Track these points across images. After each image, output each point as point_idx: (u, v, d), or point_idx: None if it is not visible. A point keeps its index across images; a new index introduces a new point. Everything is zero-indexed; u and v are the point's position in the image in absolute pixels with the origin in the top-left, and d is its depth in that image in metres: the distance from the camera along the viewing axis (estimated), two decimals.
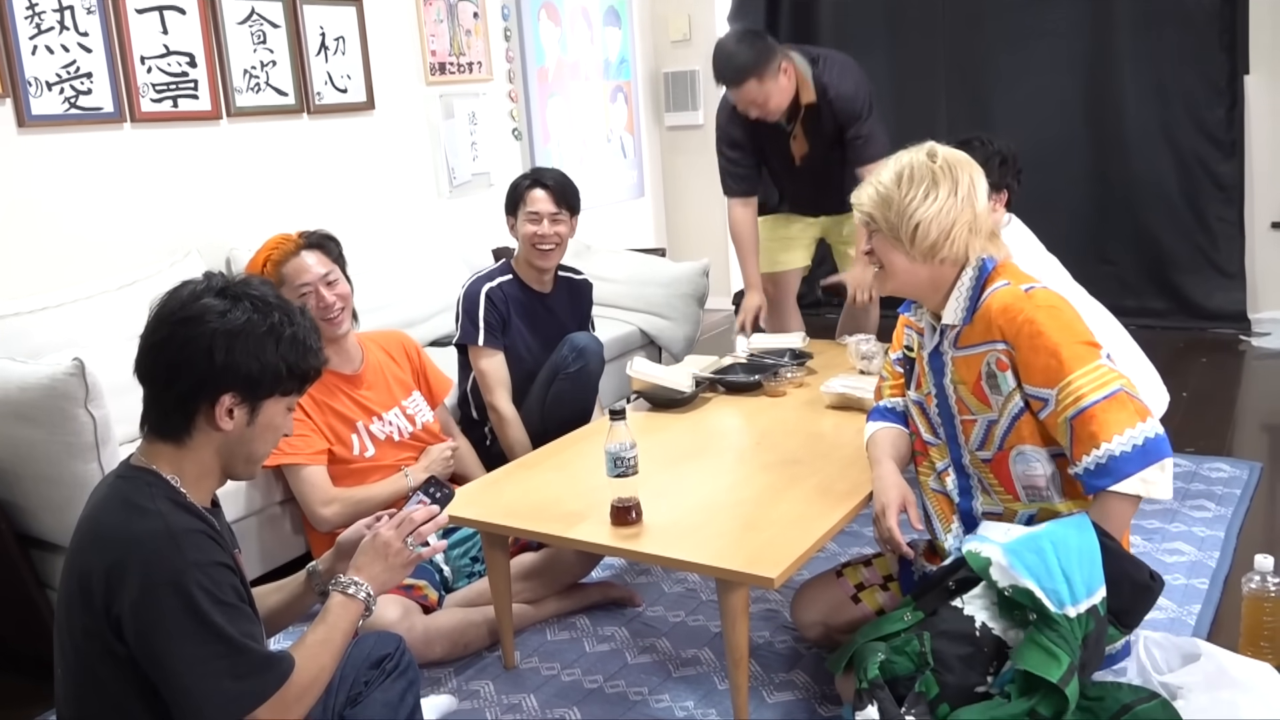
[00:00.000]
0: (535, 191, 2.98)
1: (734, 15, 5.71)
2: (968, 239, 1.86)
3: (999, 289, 1.86)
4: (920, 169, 1.87)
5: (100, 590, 1.35)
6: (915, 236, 1.85)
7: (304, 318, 1.52)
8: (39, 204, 3.08)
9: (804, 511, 2.03)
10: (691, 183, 6.03)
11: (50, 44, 3.03)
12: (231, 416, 1.44)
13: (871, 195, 1.90)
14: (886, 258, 1.91)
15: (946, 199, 1.84)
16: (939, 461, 2.04)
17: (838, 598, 2.18)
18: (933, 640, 1.72)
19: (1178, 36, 4.72)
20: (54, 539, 2.36)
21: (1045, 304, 1.82)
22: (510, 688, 2.28)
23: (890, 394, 2.18)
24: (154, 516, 1.37)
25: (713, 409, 2.77)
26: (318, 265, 2.53)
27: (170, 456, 1.45)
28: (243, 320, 1.43)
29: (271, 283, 1.57)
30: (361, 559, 1.61)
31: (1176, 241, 4.93)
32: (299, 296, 2.45)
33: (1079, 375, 1.76)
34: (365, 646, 1.80)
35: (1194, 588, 2.48)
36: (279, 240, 2.56)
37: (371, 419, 2.64)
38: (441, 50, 4.45)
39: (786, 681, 2.23)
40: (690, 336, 4.10)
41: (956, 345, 1.92)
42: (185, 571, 1.34)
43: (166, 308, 1.46)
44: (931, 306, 1.96)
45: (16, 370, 2.30)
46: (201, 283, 1.47)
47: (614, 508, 2.03)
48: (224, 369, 1.41)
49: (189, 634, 1.34)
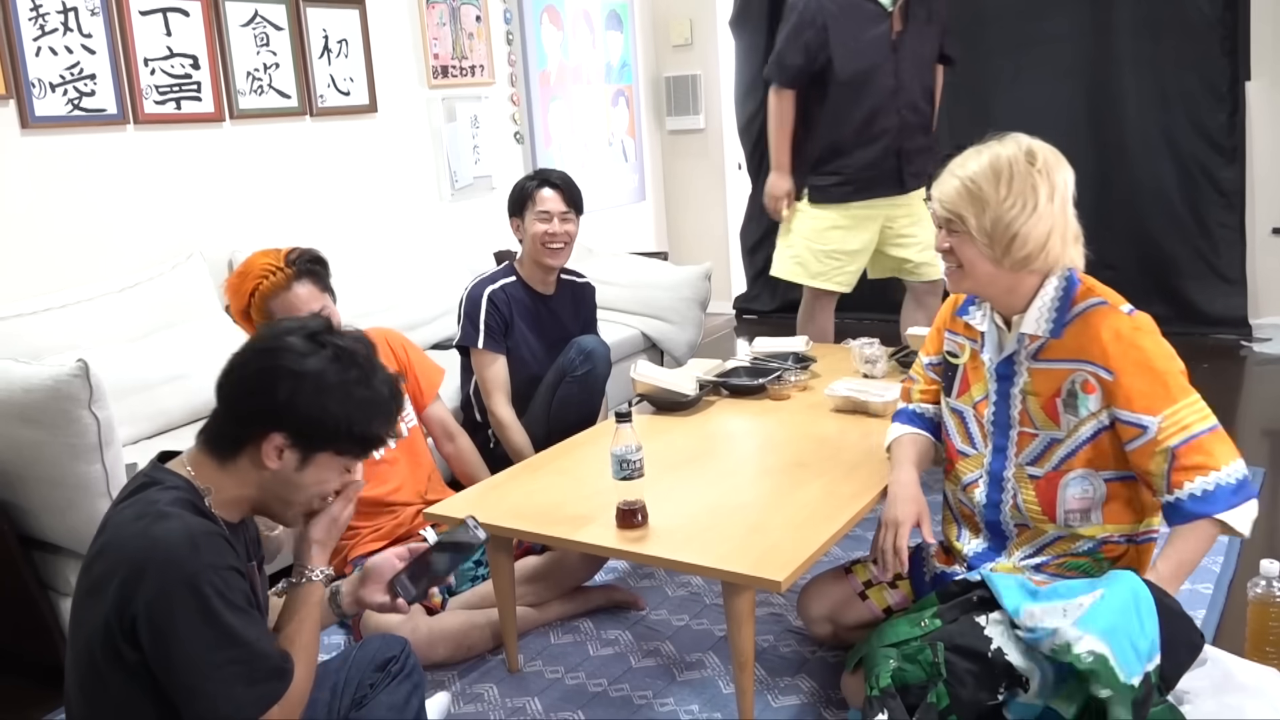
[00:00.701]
0: (544, 191, 2.97)
1: (735, 20, 5.72)
2: (1060, 249, 1.76)
3: (1097, 307, 1.79)
4: (1020, 171, 1.74)
5: (115, 593, 1.34)
6: (1011, 247, 1.74)
7: (386, 385, 1.49)
8: (42, 205, 3.08)
9: (809, 515, 2.03)
10: (693, 187, 6.04)
11: (54, 45, 3.03)
12: (280, 457, 1.44)
13: (960, 193, 1.76)
14: (968, 259, 1.80)
15: (1045, 206, 1.73)
16: (967, 474, 1.99)
17: (845, 594, 2.17)
18: (946, 652, 1.70)
19: (1179, 42, 4.72)
20: (56, 541, 2.35)
21: (1148, 329, 1.77)
22: (514, 691, 2.28)
23: (920, 398, 2.14)
24: (174, 519, 1.37)
25: (716, 412, 2.77)
26: (310, 301, 2.36)
27: (211, 471, 1.47)
28: (317, 367, 1.42)
29: (367, 340, 1.50)
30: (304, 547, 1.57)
31: (1178, 247, 4.93)
32: None
33: (1184, 405, 1.73)
34: (370, 649, 1.79)
35: (1199, 593, 2.48)
36: (267, 267, 2.35)
37: None
38: (444, 53, 4.45)
39: (792, 685, 2.22)
40: (693, 340, 4.10)
41: (1036, 357, 1.84)
42: (200, 573, 1.33)
43: (260, 335, 1.50)
44: (1005, 311, 1.88)
45: (20, 371, 2.29)
46: (300, 323, 1.49)
47: (619, 510, 2.03)
48: (284, 408, 1.41)
49: (204, 638, 1.34)
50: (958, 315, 2.02)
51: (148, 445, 2.74)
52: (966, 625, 1.74)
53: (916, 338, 3.11)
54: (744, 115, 5.84)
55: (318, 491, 1.51)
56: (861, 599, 2.16)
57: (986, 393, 1.93)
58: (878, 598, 2.15)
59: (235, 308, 2.41)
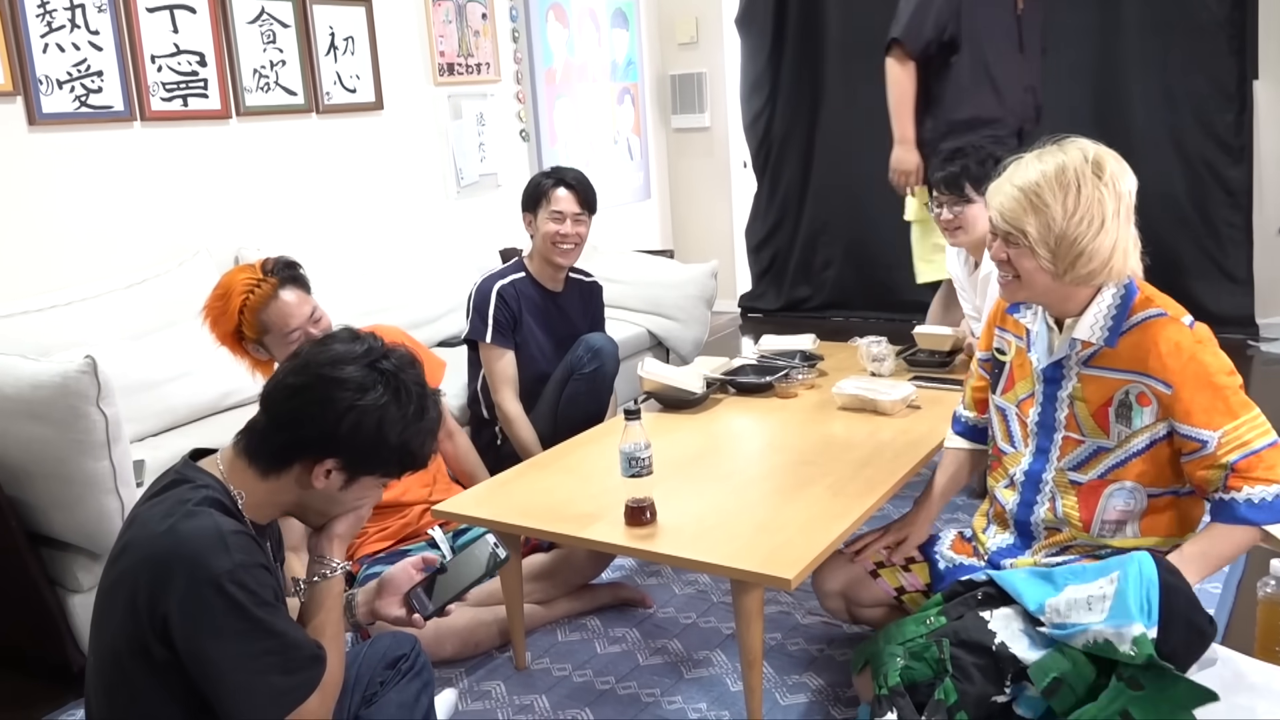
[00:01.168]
0: (559, 191, 2.97)
1: (741, 19, 5.71)
2: (1123, 263, 1.71)
3: (1156, 318, 1.73)
4: (1087, 184, 1.66)
5: (145, 592, 1.34)
6: (1075, 263, 1.68)
7: (435, 408, 1.52)
8: (49, 202, 3.08)
9: (818, 513, 2.02)
10: (698, 185, 6.04)
11: (61, 42, 3.03)
12: (327, 478, 1.46)
13: (1022, 204, 1.69)
14: (1026, 271, 1.73)
15: (1111, 222, 1.66)
16: (1003, 472, 1.97)
17: (858, 572, 2.14)
18: (951, 648, 1.70)
19: (1186, 41, 4.71)
20: (64, 537, 2.35)
21: (1209, 342, 1.74)
22: (522, 688, 2.27)
23: (973, 396, 2.10)
24: (204, 516, 1.38)
25: (723, 410, 2.76)
26: (301, 305, 2.31)
27: (247, 477, 1.47)
28: (380, 402, 1.44)
29: (418, 364, 1.52)
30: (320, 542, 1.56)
31: (1184, 246, 4.91)
32: (288, 343, 2.28)
33: (1245, 421, 1.70)
34: (380, 647, 1.79)
35: (1208, 592, 2.47)
36: (248, 282, 2.28)
37: None
38: (450, 51, 4.45)
39: (800, 684, 2.22)
40: (699, 338, 4.10)
41: (1089, 363, 1.80)
42: (232, 571, 1.34)
43: (315, 356, 1.47)
44: (1059, 314, 1.82)
45: (28, 368, 2.29)
46: (358, 346, 1.48)
47: (628, 508, 2.03)
48: (344, 439, 1.43)
49: (238, 631, 1.34)
50: (1008, 313, 1.97)
51: (155, 442, 2.74)
52: (971, 620, 1.73)
53: (925, 336, 3.11)
54: (749, 113, 5.83)
55: (356, 507, 1.55)
56: (873, 577, 2.13)
57: (1032, 391, 1.90)
58: (890, 578, 2.11)
59: (222, 330, 2.31)
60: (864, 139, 5.54)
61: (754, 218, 6.02)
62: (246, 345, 2.33)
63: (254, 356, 2.35)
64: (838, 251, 5.77)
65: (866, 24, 5.42)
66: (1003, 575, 1.79)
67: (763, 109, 5.78)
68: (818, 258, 5.85)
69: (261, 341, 2.31)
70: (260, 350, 2.34)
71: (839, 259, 5.78)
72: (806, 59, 5.62)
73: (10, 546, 2.33)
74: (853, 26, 5.46)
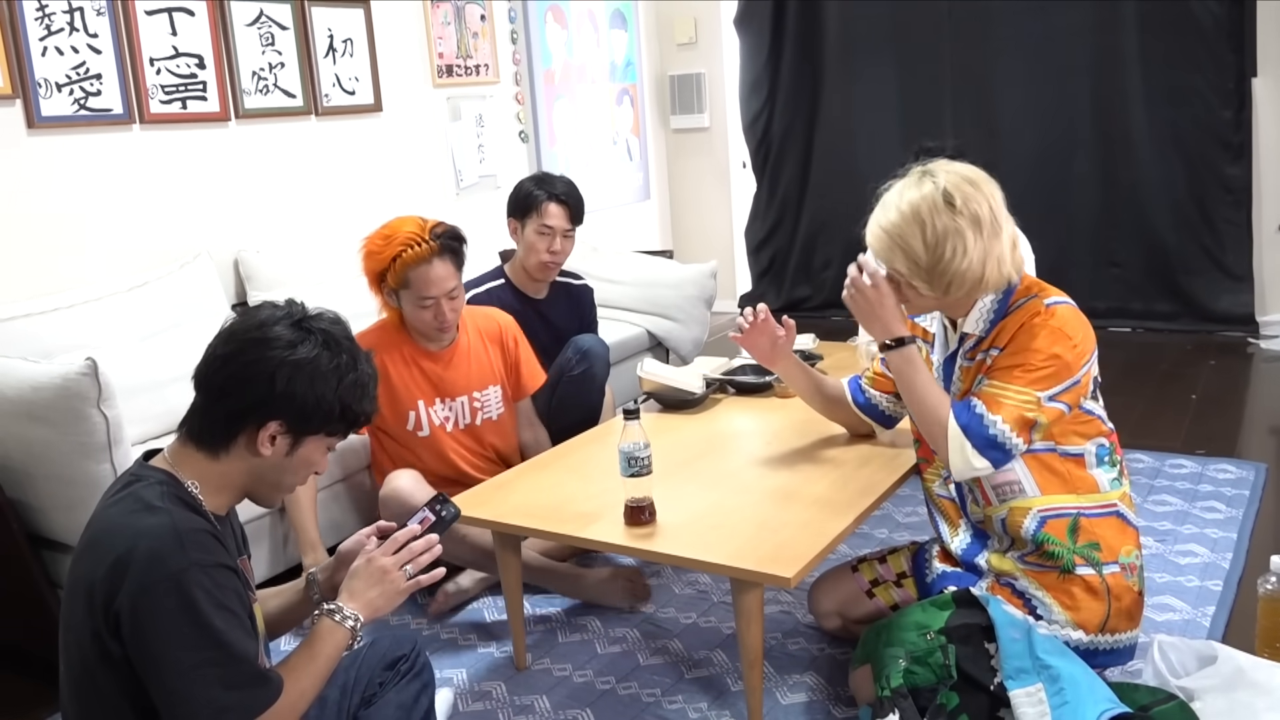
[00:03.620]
0: (552, 206, 2.97)
1: (740, 19, 5.71)
2: (998, 272, 1.83)
3: (1028, 302, 1.87)
4: (941, 217, 1.78)
5: (102, 588, 1.33)
6: (950, 287, 1.83)
7: (368, 364, 1.53)
8: (49, 205, 3.08)
9: (817, 512, 2.02)
10: (697, 186, 6.04)
11: (60, 45, 3.03)
12: (273, 444, 1.46)
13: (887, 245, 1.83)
14: (910, 298, 1.89)
15: (975, 244, 1.79)
16: (944, 469, 2.01)
17: (853, 590, 2.21)
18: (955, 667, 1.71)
19: (1186, 39, 4.71)
20: (65, 539, 2.35)
21: (1057, 323, 1.82)
22: (522, 689, 2.27)
23: (869, 385, 2.26)
24: (161, 513, 1.37)
25: (723, 410, 2.76)
26: (446, 279, 2.47)
27: (198, 464, 1.46)
28: (311, 355, 1.44)
29: (344, 321, 1.54)
30: (355, 583, 1.55)
31: (1184, 244, 4.92)
32: (419, 304, 2.42)
33: (1014, 390, 1.80)
34: (380, 648, 1.79)
35: (1208, 589, 2.47)
36: (412, 236, 2.44)
37: (435, 401, 2.64)
38: (449, 52, 4.45)
39: (800, 683, 2.22)
40: (698, 339, 4.10)
41: (967, 355, 1.94)
42: (187, 570, 1.32)
43: (242, 324, 1.48)
44: (953, 316, 1.97)
45: (29, 370, 2.30)
46: (281, 309, 1.49)
47: (628, 507, 2.03)
48: (281, 397, 1.43)
49: (184, 636, 1.32)
50: (910, 318, 2.08)
51: (156, 444, 2.72)
52: (975, 650, 1.73)
53: None
54: (748, 113, 5.84)
55: (306, 472, 1.53)
56: (869, 596, 2.18)
57: None
58: (884, 595, 2.17)
59: (370, 269, 2.51)
60: (863, 138, 5.55)
61: (753, 218, 6.02)
62: (384, 288, 2.52)
63: (385, 298, 2.53)
64: (837, 251, 5.76)
65: (865, 24, 5.43)
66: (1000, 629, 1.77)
67: (762, 109, 5.78)
68: (817, 258, 5.85)
69: (398, 292, 2.49)
70: (393, 297, 2.51)
71: (838, 259, 5.77)
72: (805, 59, 5.63)
73: (11, 548, 2.34)
74: (852, 26, 5.47)
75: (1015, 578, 1.89)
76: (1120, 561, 1.87)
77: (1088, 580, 1.85)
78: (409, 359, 2.61)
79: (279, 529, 2.70)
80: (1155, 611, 2.37)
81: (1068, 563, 1.85)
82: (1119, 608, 1.85)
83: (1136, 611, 1.90)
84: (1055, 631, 1.83)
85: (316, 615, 1.54)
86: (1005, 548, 1.93)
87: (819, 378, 2.36)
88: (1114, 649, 1.87)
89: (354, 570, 1.57)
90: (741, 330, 2.23)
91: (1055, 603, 1.85)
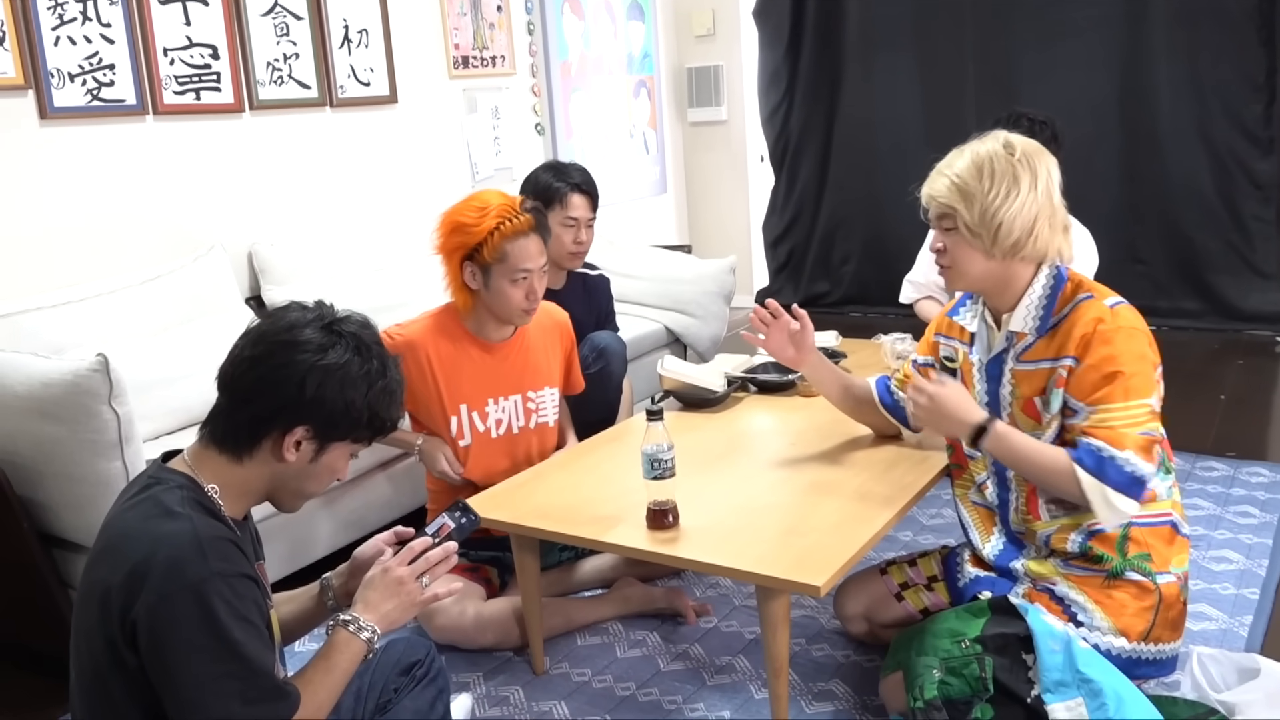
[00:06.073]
0: (575, 197, 2.93)
1: (759, 11, 5.64)
2: (1049, 235, 1.82)
3: (1083, 302, 1.81)
4: (1000, 163, 1.80)
5: (119, 595, 1.29)
6: (998, 235, 1.80)
7: (397, 370, 1.49)
8: (61, 198, 3.04)
9: (846, 516, 1.97)
10: (714, 179, 5.97)
11: (73, 35, 2.99)
12: (298, 449, 1.42)
13: (949, 188, 1.83)
14: (961, 255, 1.85)
15: (1028, 194, 1.79)
16: (979, 474, 1.99)
17: (881, 593, 2.17)
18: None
19: (1214, 31, 4.62)
20: (76, 538, 2.31)
21: (1127, 325, 1.78)
22: (540, 694, 2.23)
23: (898, 388, 2.19)
24: (182, 519, 1.33)
25: (745, 409, 2.71)
26: (540, 255, 2.38)
27: (219, 467, 1.42)
28: (342, 359, 1.41)
29: (373, 325, 1.50)
30: (370, 594, 1.50)
31: (1211, 241, 4.83)
32: (512, 280, 2.34)
33: (1120, 408, 1.73)
34: (395, 653, 1.75)
35: (1244, 598, 2.41)
36: (506, 209, 2.35)
37: (485, 401, 2.48)
38: (465, 44, 4.39)
39: (825, 691, 2.16)
40: (717, 335, 4.04)
41: (1022, 358, 1.86)
42: (208, 580, 1.29)
43: (271, 325, 1.44)
44: (997, 307, 1.91)
45: (39, 366, 2.26)
46: (311, 311, 1.45)
47: (650, 511, 1.97)
48: (310, 403, 1.39)
49: (204, 648, 1.28)
50: (949, 315, 2.07)
51: (168, 441, 2.70)
52: (1012, 661, 1.68)
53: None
54: (767, 106, 5.77)
55: (330, 479, 1.50)
56: (897, 600, 2.13)
57: (978, 395, 1.94)
58: (914, 599, 2.12)
59: (461, 243, 2.35)
60: (884, 132, 5.47)
61: (771, 212, 5.95)
62: (468, 265, 2.36)
63: (463, 277, 2.38)
64: (856, 246, 5.70)
65: (886, 15, 5.35)
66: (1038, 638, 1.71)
67: (780, 102, 5.71)
68: (836, 253, 5.78)
69: (490, 268, 2.34)
70: (476, 276, 2.37)
71: (857, 254, 5.71)
72: (825, 51, 5.55)
73: (22, 547, 2.30)
74: (872, 18, 5.39)
75: (1054, 582, 1.83)
76: (1172, 571, 1.81)
77: (1140, 584, 1.79)
78: (460, 351, 2.45)
79: (290, 529, 2.66)
80: (1191, 620, 2.28)
81: (1117, 566, 1.79)
82: (1166, 617, 1.79)
83: (1181, 623, 1.84)
84: (1096, 639, 1.77)
85: (332, 625, 1.49)
86: (1045, 554, 1.87)
87: (846, 378, 2.30)
88: (1156, 659, 1.81)
89: (369, 580, 1.52)
90: (756, 330, 2.22)
91: (1098, 608, 1.78)
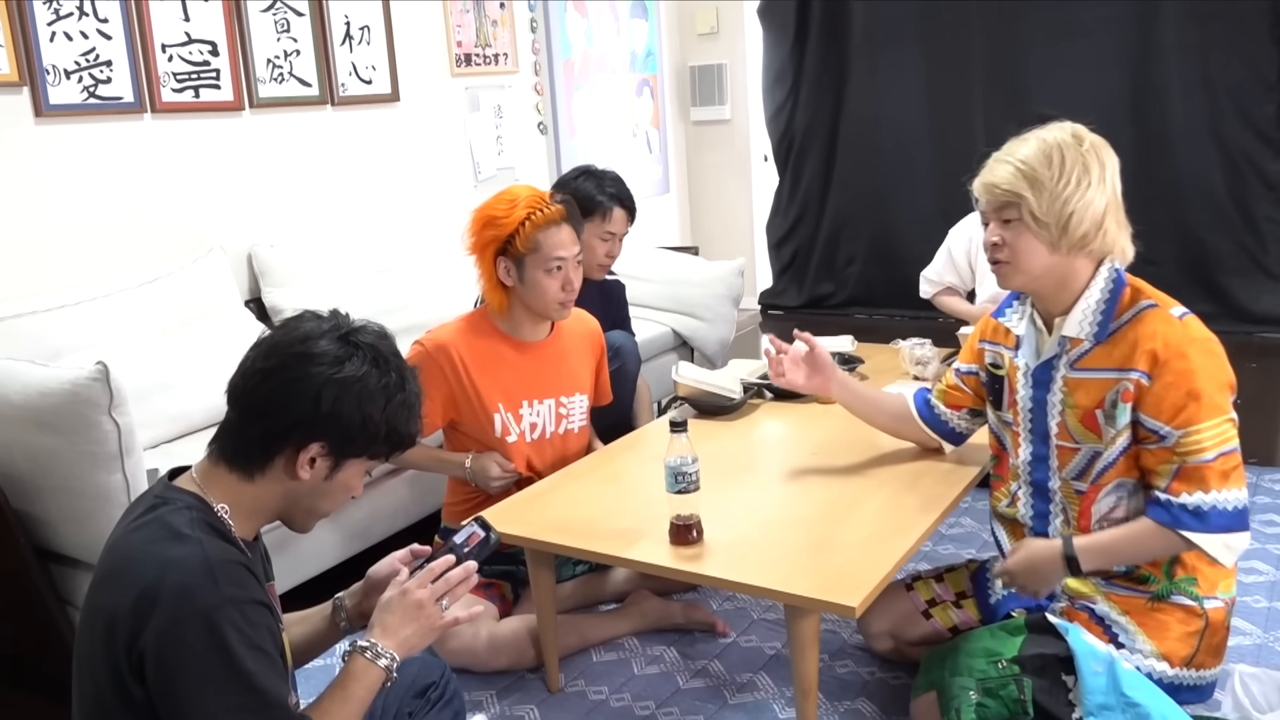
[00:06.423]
0: (618, 211, 2.88)
1: (763, 9, 5.57)
2: (1116, 231, 1.74)
3: (1146, 311, 1.72)
4: (1070, 151, 1.71)
5: (126, 623, 1.22)
6: (1068, 225, 1.70)
7: (415, 382, 1.41)
8: (57, 197, 2.95)
9: (877, 530, 1.90)
10: (718, 179, 5.90)
11: (69, 30, 2.90)
12: (312, 466, 1.34)
13: (1014, 175, 1.72)
14: (1022, 248, 1.74)
15: (1098, 185, 1.71)
16: (1014, 484, 1.92)
17: (907, 610, 2.10)
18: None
19: (1226, 29, 4.56)
20: (75, 554, 2.23)
21: (1200, 337, 1.69)
22: (555, 713, 2.16)
23: (939, 397, 2.12)
24: (192, 543, 1.25)
25: (762, 416, 2.64)
26: (573, 244, 2.35)
27: (229, 485, 1.35)
28: (359, 373, 1.33)
29: (390, 336, 1.42)
30: (388, 618, 1.42)
31: (1222, 242, 4.78)
32: (547, 270, 2.30)
33: (1208, 426, 1.65)
34: (409, 674, 1.69)
35: (1277, 611, 2.35)
36: (536, 200, 2.34)
37: (520, 403, 2.40)
38: (467, 41, 4.32)
39: (853, 710, 2.10)
40: (725, 338, 3.97)
41: (1076, 365, 1.77)
42: (220, 607, 1.21)
43: (284, 337, 1.36)
44: (1049, 309, 1.81)
45: (36, 374, 2.17)
46: (326, 321, 1.38)
47: (673, 525, 1.90)
48: (326, 418, 1.31)
49: (215, 679, 1.21)
50: (994, 317, 1.98)
51: (168, 449, 2.62)
52: (1052, 682, 1.62)
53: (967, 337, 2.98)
54: (771, 106, 5.69)
55: (344, 497, 1.42)
56: (925, 617, 2.06)
57: (1022, 400, 1.86)
58: (942, 616, 2.05)
59: (493, 236, 2.34)
60: (889, 132, 5.41)
61: (775, 213, 5.88)
62: (501, 260, 2.34)
63: (497, 273, 2.35)
64: (861, 247, 5.63)
65: (892, 13, 5.28)
66: (1080, 659, 1.65)
67: (785, 101, 5.64)
68: (840, 253, 5.71)
69: (523, 260, 2.31)
70: (510, 271, 2.34)
71: (863, 255, 5.64)
72: (830, 50, 5.48)
73: (18, 563, 2.22)
74: (878, 15, 5.31)
75: (1094, 601, 1.77)
76: (1219, 596, 1.75)
77: (1187, 608, 1.73)
78: (495, 352, 2.39)
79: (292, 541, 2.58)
80: None
81: (1163, 589, 1.73)
82: (1211, 643, 1.73)
83: (1223, 649, 1.77)
84: (1137, 661, 1.70)
85: (349, 652, 1.42)
86: None
87: (876, 395, 2.24)
88: (1197, 685, 1.75)
89: (386, 603, 1.44)
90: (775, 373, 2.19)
91: (1140, 630, 1.72)
